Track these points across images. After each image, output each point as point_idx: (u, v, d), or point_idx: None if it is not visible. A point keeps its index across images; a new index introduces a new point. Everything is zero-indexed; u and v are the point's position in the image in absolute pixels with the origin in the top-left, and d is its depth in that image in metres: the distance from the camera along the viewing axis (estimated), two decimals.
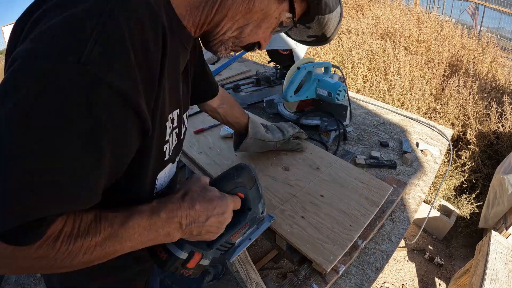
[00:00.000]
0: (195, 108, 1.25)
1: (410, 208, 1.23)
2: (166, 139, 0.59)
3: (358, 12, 5.57)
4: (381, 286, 2.06)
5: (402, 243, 2.38)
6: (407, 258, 2.27)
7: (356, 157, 1.39)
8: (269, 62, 1.99)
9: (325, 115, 1.57)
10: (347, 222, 1.01)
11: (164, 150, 0.60)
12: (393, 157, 1.46)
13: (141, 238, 0.51)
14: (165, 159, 0.62)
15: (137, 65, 0.42)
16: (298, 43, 1.92)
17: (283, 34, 0.94)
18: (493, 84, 3.14)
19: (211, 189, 0.64)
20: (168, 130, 0.59)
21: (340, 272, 0.94)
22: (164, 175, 0.67)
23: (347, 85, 1.66)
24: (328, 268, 0.89)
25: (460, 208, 2.39)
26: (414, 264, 2.22)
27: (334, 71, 1.71)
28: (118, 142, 0.43)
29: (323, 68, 1.56)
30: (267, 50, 1.89)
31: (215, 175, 1.16)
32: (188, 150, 1.33)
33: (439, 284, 2.10)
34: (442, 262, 2.21)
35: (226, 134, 1.38)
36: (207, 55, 2.74)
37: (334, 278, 0.93)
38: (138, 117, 0.45)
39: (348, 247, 0.94)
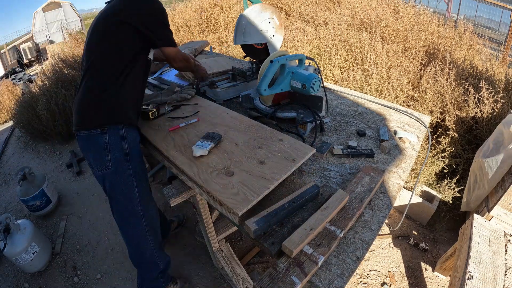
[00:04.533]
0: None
1: (389, 195, 1.24)
2: None
3: (335, 4, 5.59)
4: (368, 274, 2.08)
5: (387, 230, 2.40)
6: (392, 245, 2.29)
7: (333, 147, 1.39)
8: (245, 57, 1.98)
9: (301, 107, 1.56)
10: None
11: None
12: (370, 146, 1.46)
13: (192, 65, 1.76)
14: None
15: None
16: (272, 37, 1.92)
17: (258, 29, 1.60)
18: (470, 71, 3.18)
19: None
20: None
21: (320, 263, 0.94)
22: None
23: (322, 76, 1.65)
24: (239, 211, 0.96)
25: (442, 193, 2.42)
26: (399, 251, 2.25)
27: (309, 63, 1.71)
28: None
29: (297, 61, 1.56)
30: (242, 45, 1.87)
31: (191, 173, 1.15)
32: (164, 150, 1.31)
33: (425, 269, 2.13)
34: (427, 247, 2.24)
35: (202, 153, 1.24)
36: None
37: (314, 269, 0.93)
38: None
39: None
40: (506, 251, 1.55)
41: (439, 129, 2.72)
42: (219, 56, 2.63)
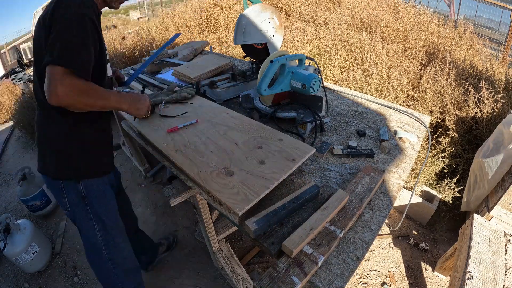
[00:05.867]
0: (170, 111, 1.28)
1: (389, 195, 1.24)
2: (107, 58, 1.32)
3: (335, 4, 5.59)
4: (368, 274, 2.08)
5: (387, 230, 2.40)
6: (392, 245, 2.29)
7: (333, 147, 1.39)
8: (245, 57, 1.98)
9: (300, 107, 1.56)
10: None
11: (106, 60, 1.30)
12: (370, 146, 1.46)
13: (113, 102, 1.18)
14: (107, 62, 1.32)
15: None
16: (272, 37, 1.92)
17: (258, 29, 1.56)
18: (470, 71, 3.17)
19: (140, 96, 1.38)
20: (106, 53, 1.30)
21: (320, 263, 0.94)
22: (109, 68, 1.36)
23: (322, 76, 1.65)
24: (239, 211, 0.95)
25: (442, 193, 2.42)
26: (399, 250, 2.25)
27: (309, 63, 1.71)
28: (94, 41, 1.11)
29: (297, 61, 1.56)
30: (242, 46, 1.87)
31: (192, 173, 1.15)
32: (164, 150, 1.31)
33: (425, 269, 2.13)
34: (427, 247, 2.24)
35: None
36: (183, 52, 2.69)
37: (314, 269, 0.93)
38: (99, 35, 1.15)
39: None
40: (506, 251, 1.55)
41: (439, 129, 2.72)
42: (209, 54, 2.62)
